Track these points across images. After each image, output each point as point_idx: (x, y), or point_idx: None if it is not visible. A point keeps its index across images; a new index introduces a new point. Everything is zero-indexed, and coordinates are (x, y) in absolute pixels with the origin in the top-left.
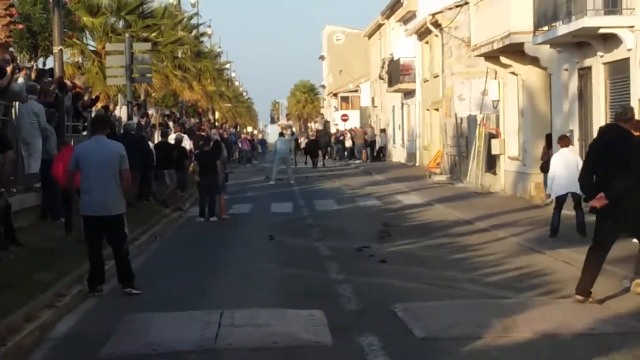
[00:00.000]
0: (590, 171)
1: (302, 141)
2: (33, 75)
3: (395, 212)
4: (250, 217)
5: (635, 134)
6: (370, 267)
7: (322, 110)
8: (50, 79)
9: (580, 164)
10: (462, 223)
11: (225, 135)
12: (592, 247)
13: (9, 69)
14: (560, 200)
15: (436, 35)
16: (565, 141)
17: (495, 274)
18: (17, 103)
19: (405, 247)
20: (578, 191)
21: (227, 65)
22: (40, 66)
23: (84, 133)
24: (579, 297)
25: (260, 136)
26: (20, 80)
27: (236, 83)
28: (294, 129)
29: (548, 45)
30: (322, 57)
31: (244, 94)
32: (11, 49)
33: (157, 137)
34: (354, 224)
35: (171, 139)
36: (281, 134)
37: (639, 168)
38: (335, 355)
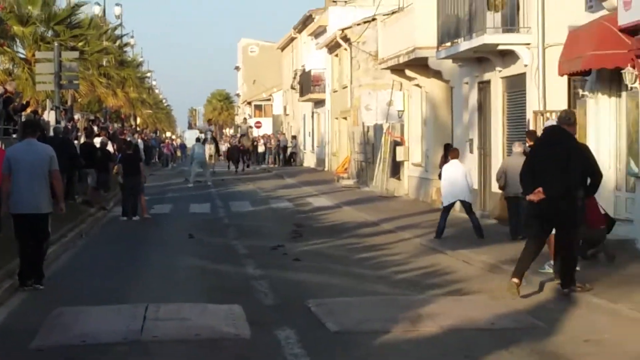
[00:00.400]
0: (530, 168)
1: (223, 146)
2: None
3: (306, 213)
4: (170, 217)
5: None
6: (285, 265)
7: (236, 118)
8: None
9: (468, 174)
10: (369, 224)
11: (146, 140)
12: (528, 240)
13: None
14: (448, 207)
15: (345, 49)
16: (455, 153)
17: (401, 272)
18: None
19: (316, 246)
20: (467, 199)
21: (149, 74)
22: None
23: (14, 136)
24: (515, 280)
25: (179, 141)
26: None
27: (156, 91)
28: (213, 134)
29: (450, 60)
30: (237, 68)
31: (164, 101)
32: None
33: (82, 140)
34: (268, 224)
35: (97, 141)
36: (197, 139)
37: (577, 172)
38: (254, 347)
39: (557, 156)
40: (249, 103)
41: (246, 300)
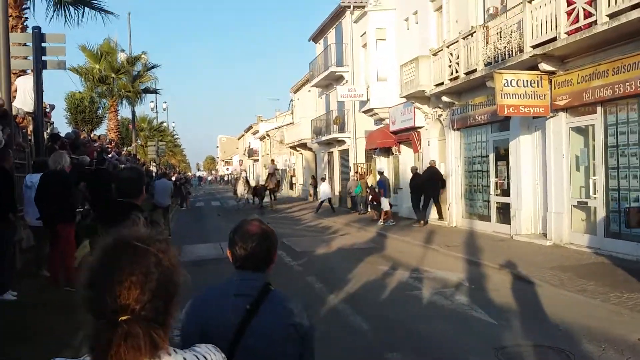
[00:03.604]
0: (418, 184)
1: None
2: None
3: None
4: (204, 207)
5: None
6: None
7: (218, 167)
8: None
9: (329, 187)
10: (288, 208)
11: (183, 176)
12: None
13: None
14: (322, 201)
15: (267, 139)
16: (324, 179)
17: (312, 227)
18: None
19: (273, 215)
20: (329, 196)
21: (183, 147)
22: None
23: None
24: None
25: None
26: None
27: (186, 155)
28: (246, 175)
29: (317, 143)
30: (217, 147)
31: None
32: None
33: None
34: (246, 208)
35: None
36: (198, 176)
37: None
38: None
39: (433, 177)
40: (223, 160)
41: None
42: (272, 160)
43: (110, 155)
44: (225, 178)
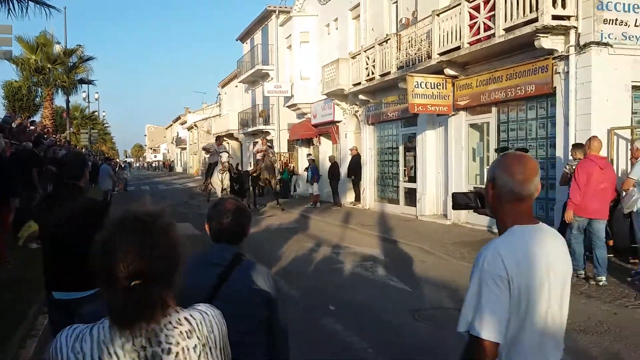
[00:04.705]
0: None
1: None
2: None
3: (190, 189)
4: (135, 191)
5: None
6: (192, 207)
7: (146, 155)
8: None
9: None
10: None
11: (114, 162)
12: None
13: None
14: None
15: (195, 128)
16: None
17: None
18: None
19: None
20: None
21: (113, 135)
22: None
23: None
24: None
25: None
26: None
27: (115, 143)
28: (229, 157)
29: (243, 134)
30: (145, 135)
31: (117, 147)
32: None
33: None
34: (177, 192)
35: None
36: (127, 163)
37: (355, 166)
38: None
39: (359, 162)
40: (151, 148)
41: (189, 220)
42: (265, 140)
43: (47, 141)
44: (153, 165)
